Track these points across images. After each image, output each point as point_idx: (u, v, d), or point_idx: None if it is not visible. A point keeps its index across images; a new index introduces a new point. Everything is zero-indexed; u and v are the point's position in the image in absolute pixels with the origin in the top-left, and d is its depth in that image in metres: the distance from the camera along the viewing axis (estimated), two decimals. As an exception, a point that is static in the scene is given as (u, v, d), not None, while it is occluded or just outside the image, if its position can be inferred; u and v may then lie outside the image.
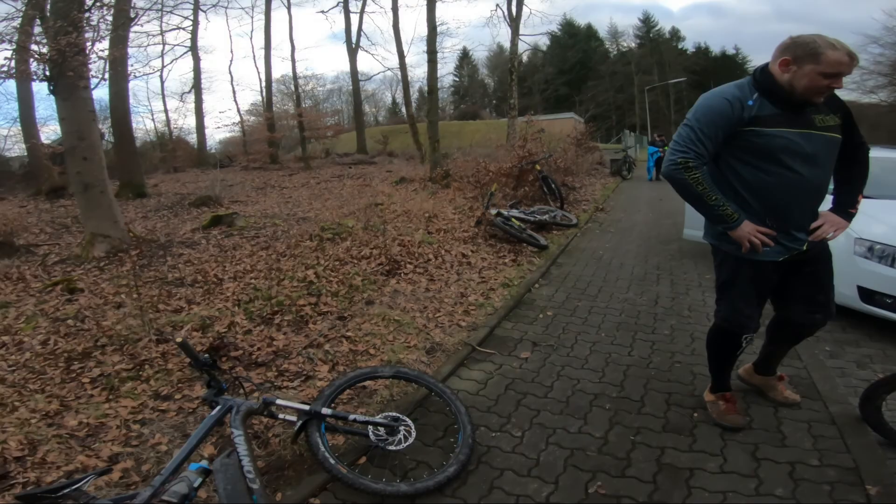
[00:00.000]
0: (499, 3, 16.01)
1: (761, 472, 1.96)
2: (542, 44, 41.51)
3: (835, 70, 1.71)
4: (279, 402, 2.11)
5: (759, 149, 1.85)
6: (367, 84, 30.43)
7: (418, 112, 28.61)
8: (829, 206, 2.03)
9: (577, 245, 6.10)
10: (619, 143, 23.71)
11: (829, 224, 1.95)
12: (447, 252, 5.08)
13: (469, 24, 63.41)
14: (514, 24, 15.22)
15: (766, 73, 1.85)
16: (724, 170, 1.97)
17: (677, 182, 1.91)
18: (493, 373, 3.03)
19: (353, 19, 20.73)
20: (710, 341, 2.32)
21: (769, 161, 1.85)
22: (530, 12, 17.20)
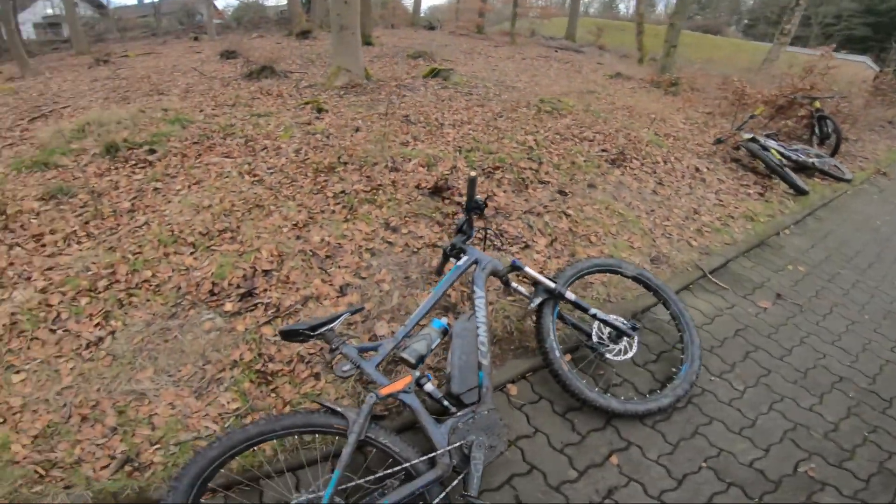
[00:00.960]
0: None
1: None
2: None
3: None
4: (527, 269, 1.97)
5: None
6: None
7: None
8: None
9: (845, 204, 4.76)
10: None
11: None
12: (677, 160, 4.31)
13: None
14: None
15: None
16: None
17: None
18: (724, 310, 2.67)
19: None
20: None
21: None
22: None
